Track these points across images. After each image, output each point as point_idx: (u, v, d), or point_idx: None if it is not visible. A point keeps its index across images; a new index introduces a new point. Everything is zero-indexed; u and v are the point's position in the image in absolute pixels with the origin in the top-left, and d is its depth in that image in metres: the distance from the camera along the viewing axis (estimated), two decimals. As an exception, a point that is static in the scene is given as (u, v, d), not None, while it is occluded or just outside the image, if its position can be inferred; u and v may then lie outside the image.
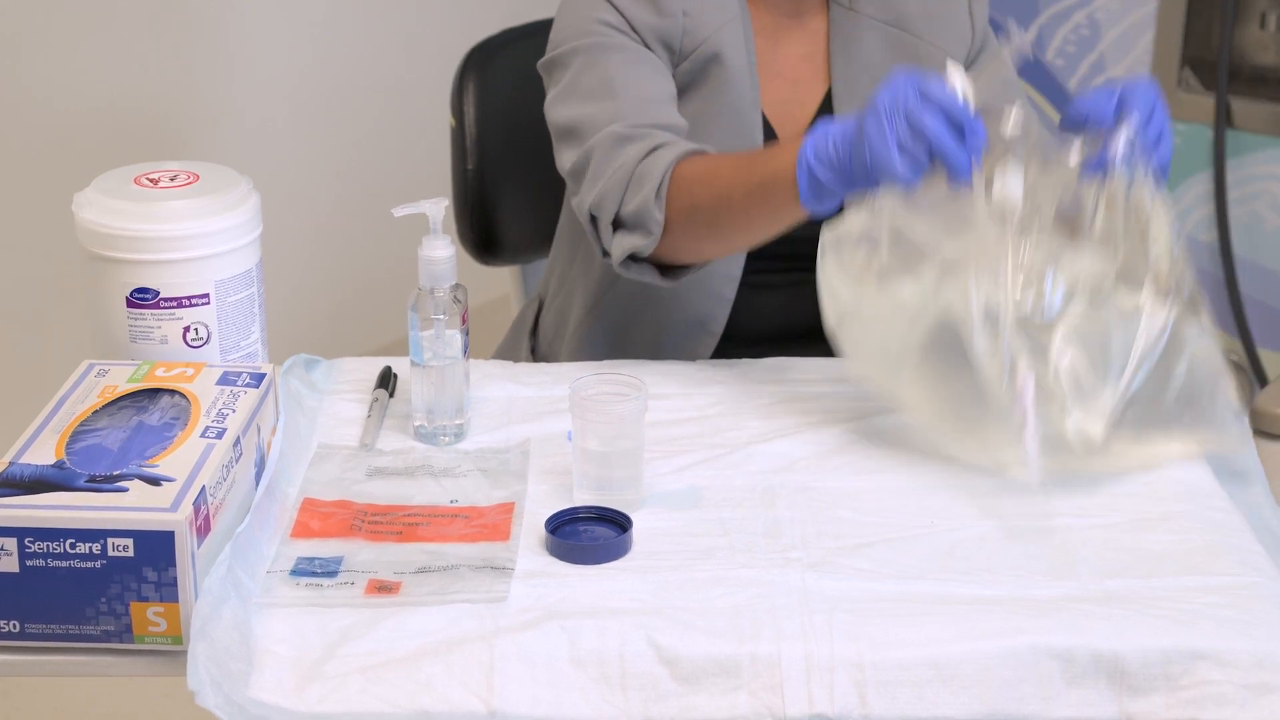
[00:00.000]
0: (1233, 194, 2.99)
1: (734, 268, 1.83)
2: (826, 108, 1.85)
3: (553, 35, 1.82)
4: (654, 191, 1.64)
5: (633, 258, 1.69)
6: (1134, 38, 3.03)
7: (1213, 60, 2.98)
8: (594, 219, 1.69)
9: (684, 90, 1.80)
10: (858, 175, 1.48)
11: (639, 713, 1.26)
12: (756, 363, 1.75)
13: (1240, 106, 2.95)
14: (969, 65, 1.88)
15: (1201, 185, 3.03)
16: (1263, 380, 3.03)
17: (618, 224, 1.68)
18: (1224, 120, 2.95)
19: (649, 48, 1.78)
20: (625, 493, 1.47)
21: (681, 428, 1.61)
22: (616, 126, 1.70)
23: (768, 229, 1.61)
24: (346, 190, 3.37)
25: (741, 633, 1.29)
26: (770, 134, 1.83)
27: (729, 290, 1.84)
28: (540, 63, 1.83)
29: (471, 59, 2.16)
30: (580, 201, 1.71)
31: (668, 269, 1.70)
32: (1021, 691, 1.27)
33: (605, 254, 1.70)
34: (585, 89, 1.75)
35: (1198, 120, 3.00)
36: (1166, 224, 1.53)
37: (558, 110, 1.77)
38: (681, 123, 1.74)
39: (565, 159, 1.75)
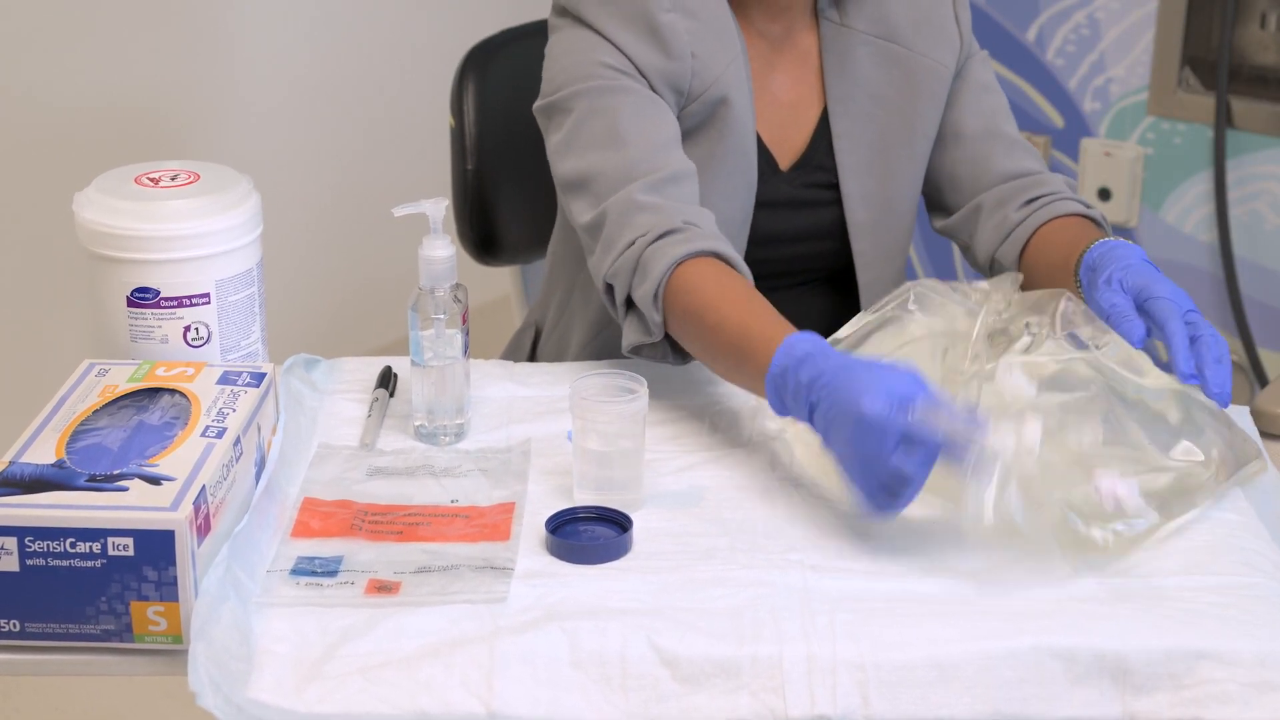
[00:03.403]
0: (1233, 194, 2.99)
1: None
2: (824, 126, 1.84)
3: (548, 76, 1.76)
4: (653, 293, 1.59)
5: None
6: (1134, 38, 3.03)
7: (1213, 60, 2.97)
8: (610, 288, 1.65)
9: (691, 132, 1.76)
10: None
11: (640, 714, 1.26)
12: (757, 363, 1.75)
13: (1240, 106, 2.95)
14: (955, 75, 1.86)
15: (1201, 185, 3.03)
16: (1263, 380, 3.03)
17: (629, 304, 1.64)
18: (1224, 120, 2.95)
19: (654, 90, 1.72)
20: (626, 493, 1.47)
21: (681, 427, 1.61)
22: (633, 191, 1.64)
23: (740, 385, 1.56)
24: (346, 190, 3.37)
25: (742, 633, 1.29)
26: (766, 159, 1.81)
27: None
28: (537, 106, 1.77)
29: (471, 59, 2.16)
30: (596, 266, 1.66)
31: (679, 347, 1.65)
32: (1024, 691, 1.27)
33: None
34: (590, 137, 1.69)
35: (1198, 120, 3.00)
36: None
37: (565, 162, 1.71)
38: (690, 167, 1.70)
39: (579, 214, 1.69)
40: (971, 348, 1.47)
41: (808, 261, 1.87)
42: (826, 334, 1.89)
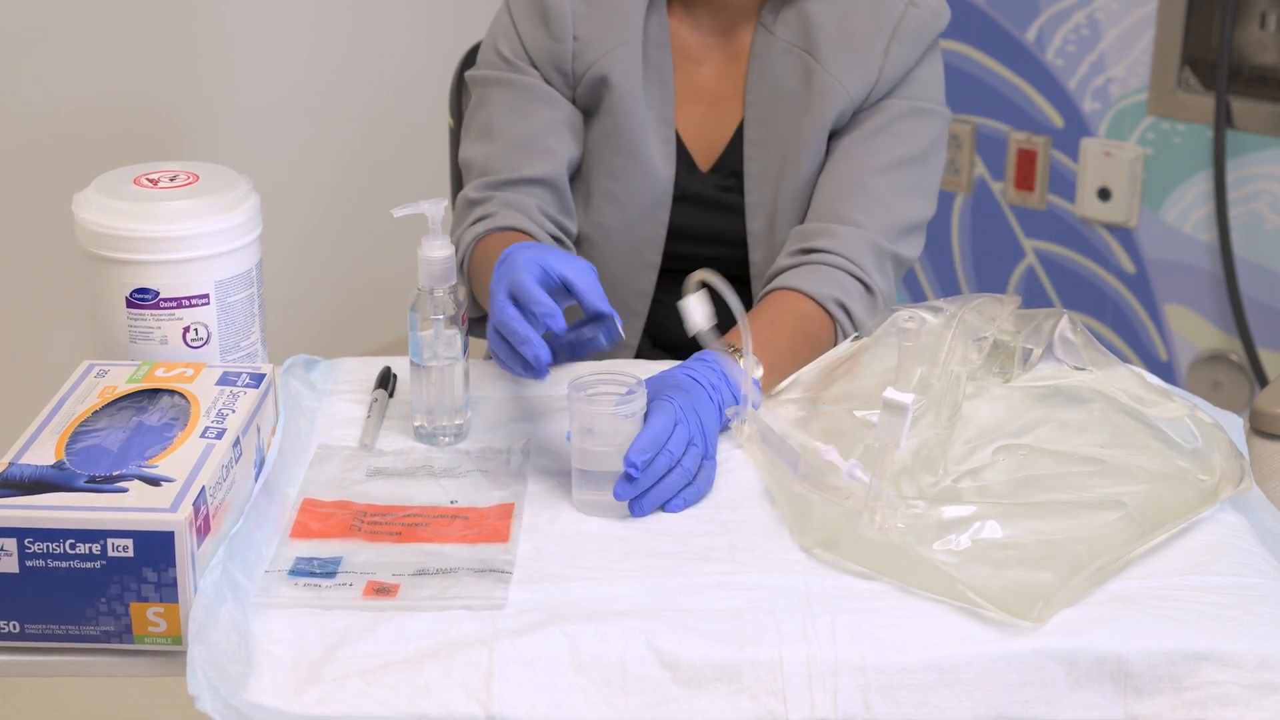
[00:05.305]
0: (1233, 194, 2.99)
1: (645, 284, 1.87)
2: (741, 131, 1.85)
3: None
4: (463, 266, 1.77)
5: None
6: (1134, 38, 3.02)
7: (1213, 60, 2.97)
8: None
9: (585, 114, 1.85)
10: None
11: (640, 717, 1.25)
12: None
13: (1240, 106, 2.95)
14: (866, 106, 1.81)
15: (1201, 185, 3.03)
16: (1263, 380, 3.03)
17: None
18: (1224, 120, 2.95)
19: (544, 74, 1.83)
20: (626, 493, 1.46)
21: (682, 428, 1.61)
22: (468, 191, 1.81)
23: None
24: (346, 190, 3.37)
25: (743, 636, 1.29)
26: (683, 154, 1.84)
27: (640, 306, 1.89)
28: (466, 75, 1.92)
29: (471, 59, 2.16)
30: None
31: None
32: (1026, 695, 1.27)
33: None
34: (474, 128, 1.86)
35: (1198, 120, 3.00)
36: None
37: (460, 149, 1.88)
38: (558, 156, 1.81)
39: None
40: (944, 359, 1.47)
41: (720, 265, 1.86)
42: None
